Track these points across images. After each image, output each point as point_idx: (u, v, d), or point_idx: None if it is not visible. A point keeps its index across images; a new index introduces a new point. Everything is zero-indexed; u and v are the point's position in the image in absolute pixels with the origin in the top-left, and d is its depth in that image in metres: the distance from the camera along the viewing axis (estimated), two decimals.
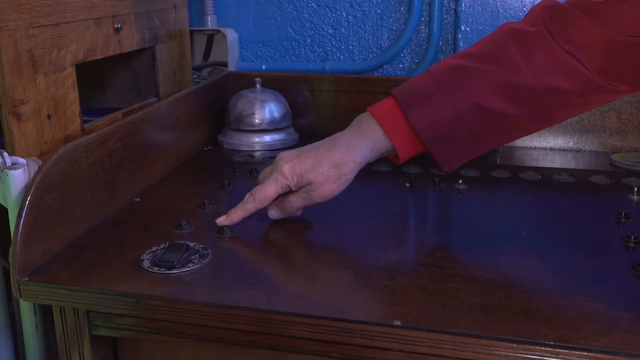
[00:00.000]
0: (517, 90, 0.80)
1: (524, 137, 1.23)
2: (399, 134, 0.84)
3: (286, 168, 0.85)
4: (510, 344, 0.61)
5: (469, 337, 0.62)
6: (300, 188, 0.85)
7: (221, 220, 0.86)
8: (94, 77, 1.32)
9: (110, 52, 1.12)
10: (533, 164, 1.14)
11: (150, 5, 1.25)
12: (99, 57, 1.08)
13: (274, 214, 0.89)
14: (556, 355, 0.60)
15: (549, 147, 1.24)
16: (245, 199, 0.87)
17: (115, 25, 1.13)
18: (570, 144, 1.23)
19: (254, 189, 0.87)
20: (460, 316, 0.66)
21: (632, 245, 0.80)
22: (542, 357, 0.60)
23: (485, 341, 0.61)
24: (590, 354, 0.59)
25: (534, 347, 0.60)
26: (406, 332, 0.63)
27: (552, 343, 0.60)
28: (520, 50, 0.81)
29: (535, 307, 0.67)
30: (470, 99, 0.81)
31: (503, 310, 0.66)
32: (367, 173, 1.09)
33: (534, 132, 0.92)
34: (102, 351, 0.79)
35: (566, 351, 0.59)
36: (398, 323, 0.63)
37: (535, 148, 1.24)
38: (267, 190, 0.86)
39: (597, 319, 0.64)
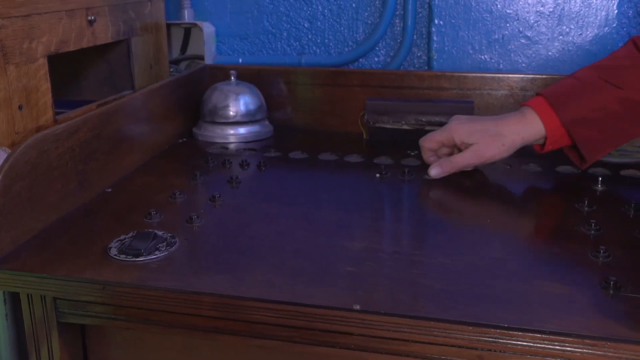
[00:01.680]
0: None
1: None
2: (552, 125, 0.97)
3: (456, 123, 1.00)
4: (466, 327, 0.62)
5: (426, 320, 0.63)
6: (464, 146, 0.98)
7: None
8: (69, 69, 1.32)
9: (84, 44, 1.13)
10: None
11: None
12: (72, 48, 1.09)
13: (436, 172, 1.00)
14: (510, 337, 0.61)
15: None
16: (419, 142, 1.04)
17: (89, 18, 1.13)
18: None
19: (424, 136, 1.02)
20: (421, 301, 0.67)
21: (592, 232, 0.82)
22: (497, 340, 0.62)
23: (442, 324, 0.62)
24: (544, 336, 0.61)
25: (489, 329, 0.62)
26: (365, 316, 0.64)
27: (506, 325, 0.61)
28: None
29: (495, 292, 0.68)
30: (609, 90, 0.95)
31: (463, 295, 0.67)
32: (339, 164, 1.11)
33: None
34: (71, 339, 0.80)
35: (520, 333, 0.61)
36: (357, 307, 0.65)
37: None
38: (435, 134, 1.02)
39: (554, 302, 0.66)
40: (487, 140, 0.97)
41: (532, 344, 0.61)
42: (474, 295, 0.67)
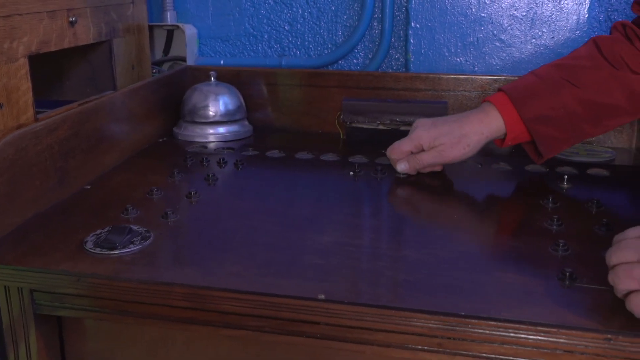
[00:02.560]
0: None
1: None
2: (513, 121, 1.00)
3: (421, 130, 1.02)
4: (425, 315, 0.65)
5: (388, 309, 0.65)
6: (431, 148, 1.01)
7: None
8: (52, 70, 1.34)
9: (65, 45, 1.15)
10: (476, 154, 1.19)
11: (108, 0, 1.28)
12: (53, 49, 1.10)
13: (402, 167, 1.04)
14: (467, 325, 0.64)
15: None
16: (387, 154, 1.06)
17: (70, 19, 1.15)
18: None
19: (391, 145, 1.05)
20: (384, 291, 0.70)
21: (555, 227, 0.85)
22: (455, 328, 0.64)
23: (403, 313, 0.65)
24: (499, 324, 0.63)
25: (447, 317, 0.64)
26: (330, 305, 0.67)
27: (463, 314, 0.64)
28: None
29: (456, 283, 0.71)
30: (568, 89, 0.98)
31: (425, 286, 0.70)
32: (314, 162, 1.14)
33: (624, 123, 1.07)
34: (48, 331, 0.81)
35: (475, 321, 0.63)
36: (322, 297, 0.67)
37: None
38: (402, 144, 1.03)
39: (511, 292, 0.69)
40: (453, 142, 1.00)
41: (488, 332, 0.64)
42: (435, 285, 0.70)
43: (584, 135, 1.01)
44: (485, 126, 0.99)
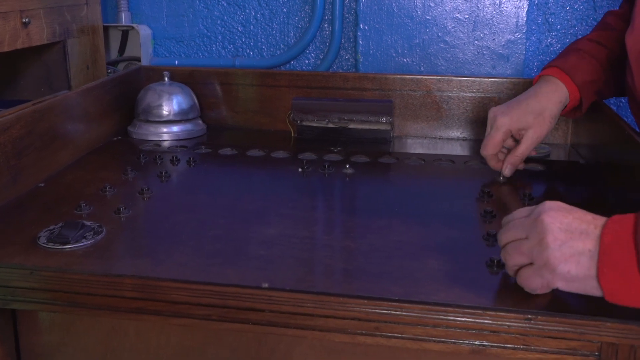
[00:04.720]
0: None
1: (416, 128, 1.34)
2: (571, 89, 1.06)
3: (501, 117, 1.04)
4: (361, 300, 0.69)
5: (327, 295, 0.70)
6: (519, 130, 1.04)
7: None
8: (7, 70, 1.36)
9: (19, 45, 1.17)
10: (421, 151, 1.24)
11: (61, 1, 1.30)
12: (6, 49, 1.12)
13: (509, 170, 1.06)
14: (400, 308, 0.68)
15: (437, 137, 1.34)
16: (483, 153, 1.07)
17: (23, 20, 1.17)
18: (457, 134, 1.33)
19: (482, 144, 1.06)
20: (323, 279, 0.74)
21: (488, 218, 0.90)
22: (389, 311, 0.69)
23: (341, 299, 0.69)
24: (429, 307, 0.68)
25: (381, 302, 0.69)
26: (273, 293, 0.71)
27: (396, 298, 0.69)
28: None
29: (389, 269, 0.75)
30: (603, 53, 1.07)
31: (361, 273, 0.75)
32: (265, 159, 1.17)
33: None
34: (2, 324, 0.83)
35: (407, 305, 0.68)
36: (266, 285, 0.71)
37: (426, 137, 1.34)
38: (492, 138, 1.04)
39: (440, 278, 0.74)
40: (538, 120, 1.03)
41: (419, 315, 0.68)
42: (372, 273, 0.75)
43: (612, 92, 1.11)
44: (559, 95, 1.05)
